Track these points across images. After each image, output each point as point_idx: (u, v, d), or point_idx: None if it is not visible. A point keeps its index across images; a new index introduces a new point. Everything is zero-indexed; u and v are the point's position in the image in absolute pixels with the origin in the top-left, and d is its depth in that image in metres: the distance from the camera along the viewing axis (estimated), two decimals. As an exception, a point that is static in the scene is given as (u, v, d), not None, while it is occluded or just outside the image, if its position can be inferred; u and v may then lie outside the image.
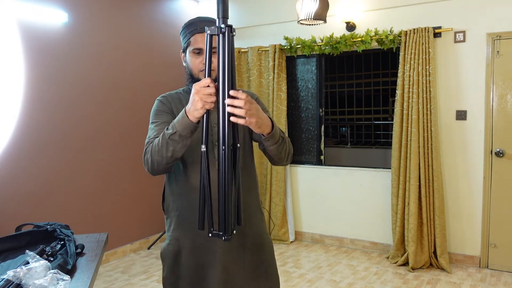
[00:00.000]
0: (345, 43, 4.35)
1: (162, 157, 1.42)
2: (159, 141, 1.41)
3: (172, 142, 1.38)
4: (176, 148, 1.39)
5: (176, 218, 1.64)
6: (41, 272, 1.18)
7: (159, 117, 1.60)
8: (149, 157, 1.47)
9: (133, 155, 4.46)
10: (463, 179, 3.99)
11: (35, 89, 3.54)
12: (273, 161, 1.60)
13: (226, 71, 1.24)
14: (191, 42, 1.57)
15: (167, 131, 1.39)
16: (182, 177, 1.62)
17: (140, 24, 4.52)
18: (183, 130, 1.36)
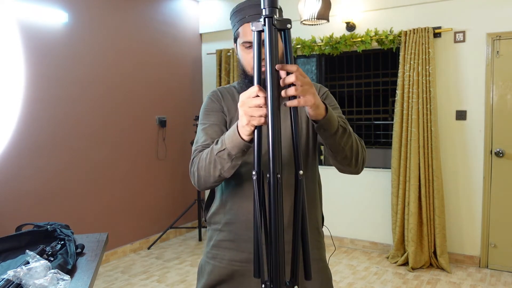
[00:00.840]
0: (345, 43, 4.35)
1: (209, 175, 1.23)
2: (207, 156, 1.23)
3: (220, 160, 1.19)
4: (224, 167, 1.20)
5: (218, 232, 1.44)
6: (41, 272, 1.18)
7: (208, 117, 1.41)
8: (195, 171, 1.28)
9: (133, 155, 4.46)
10: (463, 179, 3.99)
11: (35, 89, 3.54)
12: (338, 163, 1.29)
13: (273, 75, 0.98)
14: (240, 33, 1.34)
15: (215, 145, 1.20)
16: (228, 185, 1.40)
17: (140, 24, 4.52)
18: (232, 149, 1.15)
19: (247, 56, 1.34)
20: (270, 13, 0.98)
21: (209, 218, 1.49)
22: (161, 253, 4.48)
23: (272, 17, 0.98)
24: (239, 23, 1.34)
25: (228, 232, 1.41)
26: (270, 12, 0.98)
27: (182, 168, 5.08)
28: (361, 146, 1.32)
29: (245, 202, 1.37)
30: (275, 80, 0.98)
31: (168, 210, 4.93)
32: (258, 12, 1.28)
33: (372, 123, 4.81)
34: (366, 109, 4.80)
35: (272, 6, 0.98)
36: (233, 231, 1.40)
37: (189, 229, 5.24)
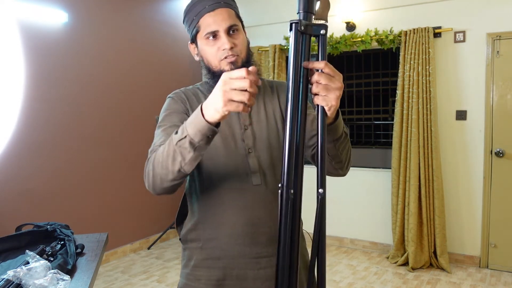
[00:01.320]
0: (345, 43, 4.35)
1: (167, 171, 1.06)
2: (165, 149, 1.06)
3: (181, 150, 1.01)
4: (185, 159, 1.02)
5: (199, 251, 1.28)
6: (41, 272, 1.18)
7: (169, 118, 1.26)
8: (150, 170, 1.11)
9: (133, 155, 4.46)
10: (463, 179, 3.99)
11: (35, 89, 3.54)
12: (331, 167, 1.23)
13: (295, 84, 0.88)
14: (201, 26, 1.24)
15: (175, 135, 1.04)
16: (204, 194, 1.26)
17: (140, 24, 4.52)
18: (195, 135, 0.98)
19: (211, 48, 1.22)
20: (303, 17, 0.90)
21: (184, 236, 1.32)
22: (161, 253, 4.47)
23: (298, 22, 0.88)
24: (198, 15, 1.25)
25: (211, 249, 1.26)
26: (303, 17, 0.90)
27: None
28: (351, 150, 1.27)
29: (228, 212, 1.23)
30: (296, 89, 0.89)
31: (168, 210, 4.92)
32: (217, 1, 1.23)
33: (372, 123, 4.81)
34: (366, 109, 4.80)
35: (306, 11, 0.91)
36: (218, 247, 1.25)
37: (189, 229, 5.24)
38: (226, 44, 1.20)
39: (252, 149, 1.26)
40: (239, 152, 1.25)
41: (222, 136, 1.25)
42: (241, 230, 1.23)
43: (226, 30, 1.21)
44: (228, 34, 1.22)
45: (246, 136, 1.26)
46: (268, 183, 1.25)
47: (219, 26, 1.21)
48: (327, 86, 0.93)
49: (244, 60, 1.24)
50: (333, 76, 0.94)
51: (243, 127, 1.27)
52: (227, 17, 1.22)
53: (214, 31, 1.21)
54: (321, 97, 0.93)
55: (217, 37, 1.22)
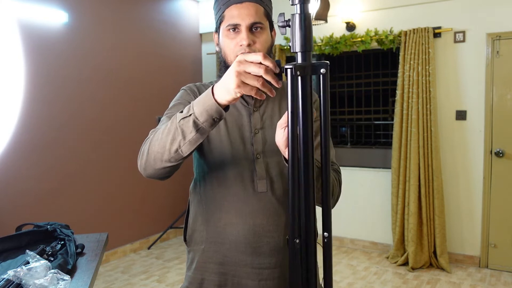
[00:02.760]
0: (345, 43, 4.35)
1: (163, 150, 1.00)
2: (166, 127, 1.01)
3: (182, 128, 0.97)
4: (185, 138, 0.97)
5: (201, 253, 1.25)
6: (42, 272, 1.18)
7: (176, 107, 1.20)
8: (146, 148, 1.06)
9: (133, 155, 4.46)
10: (463, 179, 3.99)
11: (35, 89, 3.54)
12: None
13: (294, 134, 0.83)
14: (225, 16, 1.18)
15: (179, 113, 0.99)
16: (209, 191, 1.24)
17: (140, 24, 4.52)
18: (201, 114, 0.94)
19: (230, 42, 1.18)
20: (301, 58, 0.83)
21: (189, 237, 1.30)
22: (161, 253, 4.48)
23: (292, 67, 0.82)
24: (225, 5, 1.18)
25: (214, 253, 1.23)
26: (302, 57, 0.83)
27: (182, 168, 5.07)
28: (337, 187, 1.20)
29: (231, 217, 1.20)
30: (295, 139, 0.83)
31: (168, 210, 4.93)
32: None
33: (372, 123, 4.81)
34: (366, 109, 4.80)
35: (304, 51, 0.84)
36: (220, 252, 1.22)
37: (189, 229, 5.24)
38: (244, 40, 1.16)
39: (260, 155, 1.21)
40: (246, 156, 1.21)
41: (230, 139, 1.21)
42: (243, 238, 1.19)
43: (249, 26, 1.17)
44: (249, 30, 1.17)
45: (256, 140, 1.21)
46: (275, 190, 1.21)
47: (242, 20, 1.16)
48: None
49: None
50: None
51: (254, 131, 1.22)
52: (254, 12, 1.17)
53: (236, 24, 1.17)
54: None
55: (238, 31, 1.17)
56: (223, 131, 1.22)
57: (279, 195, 1.21)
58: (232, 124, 1.22)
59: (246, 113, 1.24)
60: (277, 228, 1.19)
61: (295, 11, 0.85)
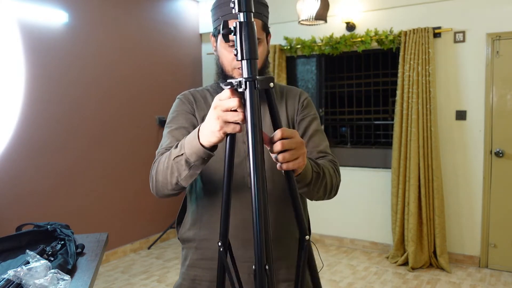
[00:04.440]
0: (345, 43, 4.35)
1: (166, 181, 1.11)
2: (165, 160, 1.10)
3: (177, 166, 1.06)
4: (181, 175, 1.06)
5: (194, 250, 1.30)
6: (42, 272, 1.18)
7: (176, 120, 1.27)
8: (153, 176, 1.16)
9: (133, 155, 4.46)
10: (463, 179, 3.99)
11: (35, 89, 3.54)
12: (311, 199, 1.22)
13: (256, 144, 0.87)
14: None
15: (174, 149, 1.08)
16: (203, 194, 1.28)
17: (140, 24, 4.52)
18: (191, 155, 1.02)
19: (229, 54, 1.22)
20: (250, 75, 0.87)
21: (182, 235, 1.34)
22: (161, 253, 4.48)
23: (254, 80, 0.87)
24: (224, 17, 1.20)
25: (205, 250, 1.27)
26: (251, 73, 0.87)
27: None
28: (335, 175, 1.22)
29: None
30: (258, 149, 0.87)
31: (168, 210, 4.93)
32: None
33: (372, 123, 4.81)
34: (366, 109, 4.80)
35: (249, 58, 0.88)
36: (211, 248, 1.25)
37: (189, 229, 5.24)
38: None
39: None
40: (238, 153, 1.24)
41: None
42: (234, 232, 1.20)
43: None
44: None
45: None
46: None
47: None
48: (292, 151, 0.93)
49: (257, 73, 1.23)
50: (293, 137, 0.94)
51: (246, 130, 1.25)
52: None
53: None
54: (291, 163, 0.94)
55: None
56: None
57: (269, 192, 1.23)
58: None
59: None
60: None
61: (240, 19, 0.88)
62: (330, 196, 1.23)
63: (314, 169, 1.11)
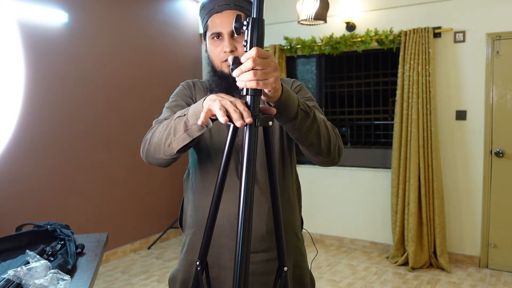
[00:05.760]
0: (345, 43, 4.35)
1: (160, 143, 1.14)
2: (166, 122, 1.15)
3: (175, 125, 1.09)
4: (175, 135, 1.09)
5: (191, 236, 1.35)
6: (42, 272, 1.18)
7: (176, 100, 1.35)
8: (148, 138, 1.20)
9: (133, 155, 4.46)
10: (463, 179, 3.99)
11: (35, 89, 3.54)
12: (308, 153, 1.19)
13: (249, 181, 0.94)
14: (209, 25, 1.28)
15: (178, 112, 1.13)
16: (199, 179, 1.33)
17: (140, 24, 4.52)
18: (191, 116, 1.06)
19: (215, 49, 1.27)
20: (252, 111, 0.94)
21: (183, 222, 1.39)
22: (161, 253, 4.48)
23: (255, 117, 0.94)
24: (208, 14, 1.28)
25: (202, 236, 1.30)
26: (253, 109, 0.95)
27: (182, 168, 5.08)
28: (334, 133, 1.20)
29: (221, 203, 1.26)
30: (250, 185, 0.92)
31: (168, 210, 4.93)
32: (228, 3, 1.26)
33: (372, 123, 4.81)
34: (366, 109, 4.80)
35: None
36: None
37: (189, 229, 5.24)
38: (227, 47, 1.24)
39: None
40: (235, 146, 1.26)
41: (219, 131, 1.29)
42: (227, 222, 1.26)
43: (230, 33, 1.25)
44: (231, 37, 1.25)
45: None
46: (258, 180, 1.27)
47: (224, 28, 1.24)
48: (264, 70, 0.93)
49: None
50: (267, 58, 0.94)
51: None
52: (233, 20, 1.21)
53: (218, 33, 1.26)
54: (261, 82, 0.93)
55: (222, 38, 1.26)
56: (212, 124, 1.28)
57: (262, 184, 1.28)
58: None
59: None
60: (259, 215, 1.26)
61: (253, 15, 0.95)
62: (330, 153, 1.18)
63: (302, 107, 1.08)
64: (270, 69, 0.95)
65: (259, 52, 0.93)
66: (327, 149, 1.17)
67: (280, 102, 1.02)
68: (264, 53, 0.94)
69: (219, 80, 1.29)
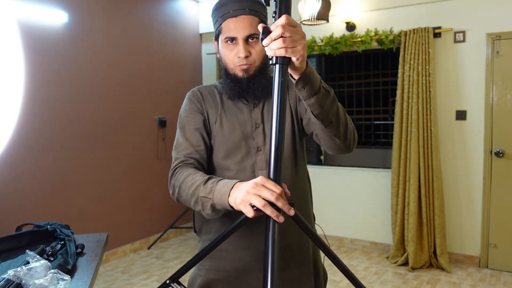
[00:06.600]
0: (345, 43, 4.35)
1: (189, 204, 1.19)
2: (191, 188, 1.16)
3: (203, 202, 1.13)
4: (204, 210, 1.14)
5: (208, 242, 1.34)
6: (42, 272, 1.18)
7: (188, 121, 1.34)
8: (176, 189, 1.23)
9: (133, 155, 4.46)
10: (463, 179, 3.99)
11: (35, 89, 3.54)
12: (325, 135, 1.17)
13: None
14: (223, 29, 1.28)
15: (203, 186, 1.12)
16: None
17: (140, 24, 4.52)
18: (217, 204, 1.09)
19: (229, 53, 1.28)
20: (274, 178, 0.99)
21: (199, 228, 1.40)
22: (161, 253, 4.48)
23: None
24: (222, 18, 1.28)
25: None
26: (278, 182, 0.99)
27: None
28: (350, 122, 1.22)
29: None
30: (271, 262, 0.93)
31: (168, 210, 4.93)
32: (243, 7, 1.26)
33: (372, 123, 4.81)
34: (366, 109, 4.80)
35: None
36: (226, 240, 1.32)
37: (189, 229, 5.24)
38: (241, 53, 1.25)
39: (261, 147, 1.31)
40: (248, 150, 1.31)
41: (233, 135, 1.31)
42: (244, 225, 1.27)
43: (245, 38, 1.26)
44: (246, 42, 1.26)
45: (257, 134, 1.31)
46: None
47: (238, 34, 1.25)
48: (293, 37, 0.95)
49: (258, 69, 1.28)
50: (296, 27, 0.96)
51: (254, 126, 1.32)
52: (248, 25, 1.25)
53: (232, 37, 1.26)
54: (290, 49, 0.95)
55: (236, 43, 1.27)
56: (226, 129, 1.32)
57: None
58: (234, 122, 1.33)
59: (247, 110, 1.34)
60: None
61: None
62: (347, 137, 1.19)
63: (323, 85, 1.10)
64: (298, 36, 0.96)
65: (288, 19, 0.95)
66: (344, 132, 1.17)
67: (305, 74, 1.03)
68: (293, 21, 0.96)
69: (232, 84, 1.30)
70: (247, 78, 1.27)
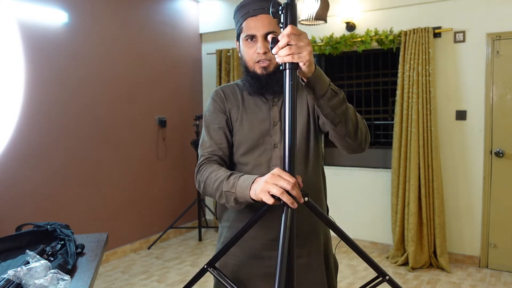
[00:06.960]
0: (345, 43, 4.35)
1: (214, 197, 1.30)
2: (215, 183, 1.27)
3: (226, 196, 1.23)
4: (229, 203, 1.24)
5: (227, 229, 1.48)
6: (42, 272, 1.18)
7: (212, 119, 1.44)
8: (202, 184, 1.34)
9: (133, 155, 4.46)
10: (462, 179, 3.99)
11: (35, 89, 3.54)
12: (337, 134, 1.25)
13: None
14: (243, 28, 1.37)
15: (227, 181, 1.23)
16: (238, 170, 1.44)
17: (140, 24, 4.52)
18: (240, 197, 1.19)
19: (249, 50, 1.36)
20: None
21: (219, 215, 1.51)
22: (161, 253, 4.48)
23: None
24: (243, 17, 1.37)
25: (236, 229, 1.40)
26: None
27: (182, 168, 5.08)
28: (362, 122, 1.29)
29: None
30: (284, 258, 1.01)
31: (168, 210, 4.93)
32: (262, 7, 1.34)
33: (372, 123, 4.81)
34: (366, 109, 4.80)
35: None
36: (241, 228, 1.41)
37: (189, 229, 5.24)
38: (260, 49, 1.34)
39: (278, 144, 1.39)
40: (265, 146, 1.39)
41: (252, 132, 1.40)
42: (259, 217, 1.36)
43: (264, 36, 1.34)
44: (265, 39, 1.34)
45: (274, 131, 1.39)
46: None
47: (257, 31, 1.34)
48: (298, 45, 1.04)
49: (277, 65, 1.35)
50: (300, 35, 1.05)
51: (272, 123, 1.40)
52: (267, 23, 1.34)
53: (252, 35, 1.35)
54: (296, 55, 1.04)
55: (255, 40, 1.35)
56: (245, 126, 1.41)
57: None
58: (253, 119, 1.41)
59: (265, 108, 1.42)
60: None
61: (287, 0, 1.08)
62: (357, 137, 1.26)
63: (332, 87, 1.18)
64: (303, 44, 1.05)
65: (293, 29, 1.04)
66: (354, 132, 1.25)
67: (313, 77, 1.12)
68: (298, 30, 1.05)
69: (252, 80, 1.39)
70: (266, 75, 1.36)
